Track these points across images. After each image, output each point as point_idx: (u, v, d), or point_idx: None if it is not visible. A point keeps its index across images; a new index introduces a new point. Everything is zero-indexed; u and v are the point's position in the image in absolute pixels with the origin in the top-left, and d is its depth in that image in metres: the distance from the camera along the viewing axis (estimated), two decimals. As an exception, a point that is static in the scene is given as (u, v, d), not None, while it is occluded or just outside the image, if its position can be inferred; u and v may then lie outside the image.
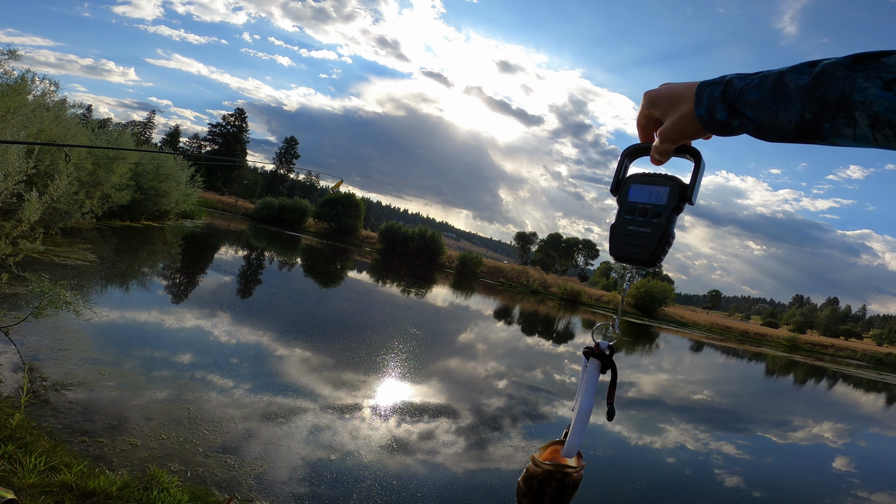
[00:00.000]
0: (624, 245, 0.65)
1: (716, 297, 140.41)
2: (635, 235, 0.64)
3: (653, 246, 0.63)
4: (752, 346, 33.68)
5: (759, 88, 0.53)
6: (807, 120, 0.50)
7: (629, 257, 0.64)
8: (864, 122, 0.46)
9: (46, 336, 4.90)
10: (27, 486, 2.51)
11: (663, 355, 18.72)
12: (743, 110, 0.55)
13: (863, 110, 0.45)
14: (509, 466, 4.59)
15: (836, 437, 9.26)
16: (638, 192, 0.66)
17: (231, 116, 70.93)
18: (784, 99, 0.51)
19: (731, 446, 7.02)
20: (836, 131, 0.48)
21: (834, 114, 0.48)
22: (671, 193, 0.63)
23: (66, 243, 9.70)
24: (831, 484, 6.29)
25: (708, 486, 5.35)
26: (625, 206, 0.66)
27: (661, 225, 0.63)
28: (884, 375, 28.52)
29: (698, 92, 0.58)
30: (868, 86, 0.45)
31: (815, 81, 0.48)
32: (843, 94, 0.46)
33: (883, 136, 0.45)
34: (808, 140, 0.52)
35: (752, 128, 0.55)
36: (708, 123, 0.58)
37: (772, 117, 0.52)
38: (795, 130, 0.51)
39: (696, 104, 0.58)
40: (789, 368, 23.43)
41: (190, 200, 20.91)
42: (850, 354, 42.32)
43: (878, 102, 0.44)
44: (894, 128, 0.44)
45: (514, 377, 8.29)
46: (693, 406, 9.65)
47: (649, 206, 0.64)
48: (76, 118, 11.16)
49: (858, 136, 0.47)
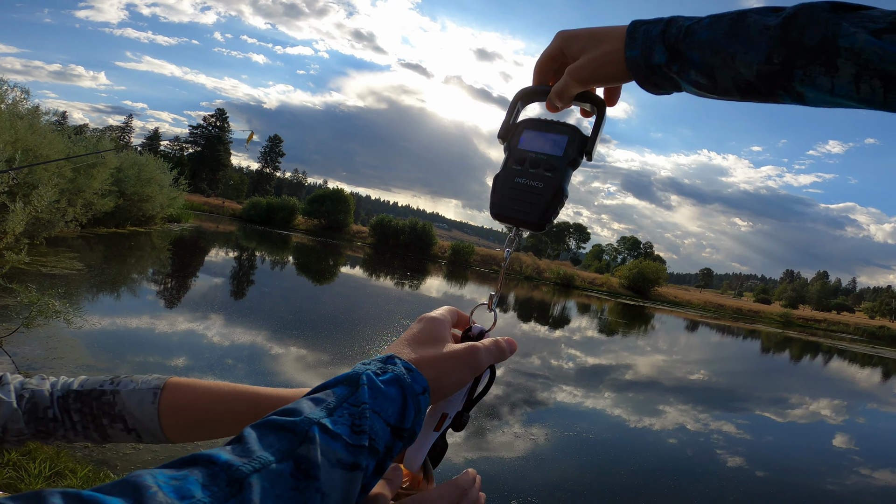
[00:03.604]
0: (509, 201, 0.54)
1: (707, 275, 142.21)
2: (524, 190, 0.54)
3: (544, 203, 0.52)
4: (746, 324, 34.19)
5: (711, 29, 0.45)
6: (774, 65, 0.43)
7: (514, 216, 0.54)
8: (849, 71, 0.40)
9: (40, 346, 4.86)
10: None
11: (658, 336, 18.95)
12: (687, 53, 0.46)
13: (848, 57, 0.40)
14: (510, 454, 4.63)
15: (835, 414, 9.36)
16: (531, 140, 0.56)
17: (211, 117, 70.03)
18: (745, 39, 0.44)
19: (731, 426, 7.07)
20: (810, 80, 0.42)
21: (809, 60, 0.41)
22: (570, 144, 0.54)
23: (52, 253, 9.56)
24: (833, 462, 6.34)
25: (710, 466, 5.38)
26: (514, 154, 0.56)
27: (556, 179, 0.53)
28: (878, 349, 28.96)
29: (631, 30, 0.50)
30: (856, 31, 0.39)
31: (789, 22, 0.42)
32: (825, 38, 0.40)
33: (869, 89, 0.40)
34: (763, 93, 0.45)
35: (694, 75, 0.47)
36: (639, 66, 0.49)
37: (726, 62, 0.45)
38: (756, 76, 0.44)
39: (629, 43, 0.49)
40: (784, 345, 23.79)
41: (175, 204, 20.67)
42: (843, 329, 43.11)
43: (871, 50, 0.39)
44: (885, 79, 0.39)
45: (511, 364, 8.35)
46: (690, 386, 9.74)
47: (543, 157, 0.54)
48: (51, 125, 10.94)
49: (837, 87, 0.41)
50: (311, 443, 0.33)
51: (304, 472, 0.32)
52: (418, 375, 0.43)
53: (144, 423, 0.59)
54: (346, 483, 0.34)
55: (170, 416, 0.59)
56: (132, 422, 0.59)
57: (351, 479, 0.34)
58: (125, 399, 0.59)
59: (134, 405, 0.59)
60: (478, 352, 0.48)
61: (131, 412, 0.59)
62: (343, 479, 0.33)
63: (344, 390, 0.38)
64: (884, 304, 79.02)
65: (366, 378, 0.40)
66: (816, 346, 25.70)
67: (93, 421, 0.59)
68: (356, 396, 0.38)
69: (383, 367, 0.42)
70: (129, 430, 0.59)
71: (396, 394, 0.40)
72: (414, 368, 0.43)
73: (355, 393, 0.38)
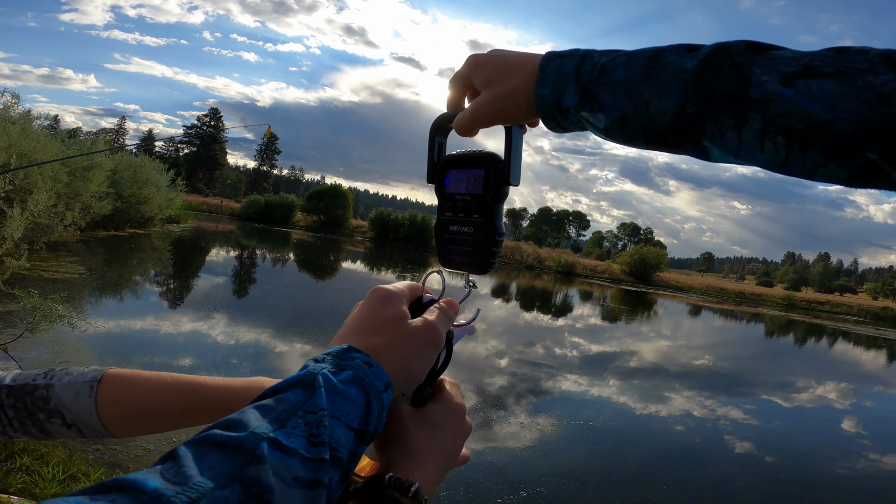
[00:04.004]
0: (449, 252, 0.52)
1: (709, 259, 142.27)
2: (459, 237, 0.51)
3: (479, 250, 0.49)
4: (750, 307, 34.22)
5: (626, 67, 0.40)
6: (688, 115, 0.38)
7: (457, 266, 0.52)
8: (755, 126, 0.36)
9: (46, 350, 4.87)
10: (50, 497, 2.52)
11: (662, 322, 18.99)
12: (599, 95, 0.41)
13: (757, 110, 0.35)
14: (517, 444, 4.64)
15: (842, 397, 9.32)
16: (455, 180, 0.51)
17: (205, 116, 69.78)
18: (660, 83, 0.39)
19: (738, 412, 7.06)
20: (720, 134, 0.37)
21: (720, 111, 0.37)
22: (486, 177, 0.49)
23: (53, 258, 9.55)
24: (842, 447, 6.30)
25: (719, 452, 5.37)
26: (443, 199, 0.52)
27: (484, 222, 0.49)
28: (882, 331, 28.92)
29: (544, 64, 0.44)
30: (767, 79, 0.35)
31: (705, 66, 0.37)
32: (737, 85, 0.36)
33: (773, 146, 0.36)
34: (674, 144, 0.40)
35: (605, 120, 0.42)
36: (548, 107, 0.44)
37: (639, 108, 0.40)
38: (668, 127, 0.39)
39: (541, 79, 0.44)
40: (788, 328, 23.79)
41: (174, 205, 20.64)
42: (846, 310, 43.10)
43: (779, 102, 0.34)
44: (790, 136, 0.35)
45: (516, 354, 8.38)
46: (696, 372, 9.74)
47: (467, 198, 0.50)
48: (44, 130, 10.88)
49: (743, 142, 0.37)
50: (261, 462, 0.28)
51: (256, 498, 0.27)
52: (379, 371, 0.39)
53: (83, 418, 0.56)
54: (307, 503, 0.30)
55: (109, 411, 0.56)
56: (70, 416, 0.55)
57: (313, 499, 0.30)
58: (60, 393, 0.56)
59: (70, 399, 0.55)
60: (436, 327, 0.44)
61: (68, 407, 0.55)
62: (303, 500, 0.30)
63: (298, 395, 0.34)
64: (886, 285, 79.07)
65: (322, 379, 0.35)
66: (821, 328, 25.72)
67: (29, 416, 0.55)
68: (312, 402, 0.33)
69: (340, 364, 0.38)
70: (69, 425, 0.56)
71: (358, 394, 0.36)
72: (374, 363, 0.39)
73: (311, 398, 0.33)
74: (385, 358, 0.40)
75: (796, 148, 0.35)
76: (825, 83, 0.34)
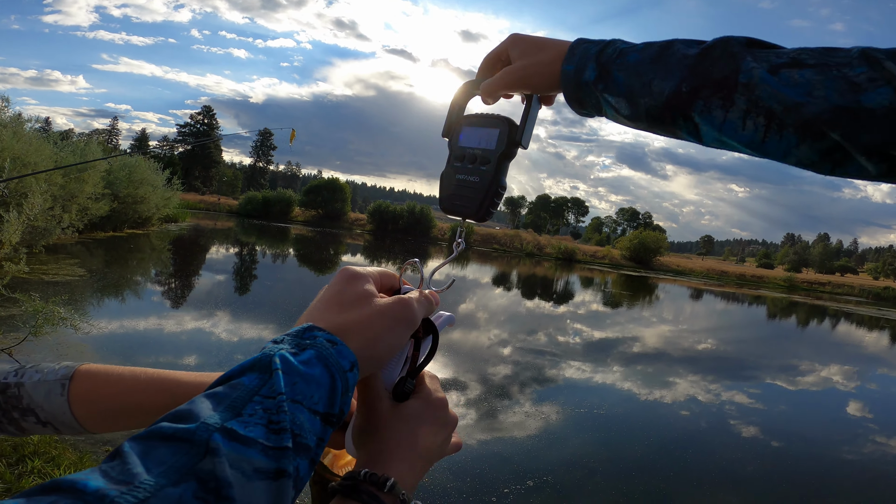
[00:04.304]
0: (452, 196, 0.57)
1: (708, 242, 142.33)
2: (464, 185, 0.57)
3: (480, 197, 0.55)
4: (751, 290, 34.25)
5: (640, 53, 0.47)
6: (682, 94, 0.44)
7: (456, 210, 0.57)
8: (740, 107, 0.41)
9: (50, 353, 4.88)
10: None
11: (664, 306, 19.04)
12: (614, 73, 0.48)
13: (743, 93, 0.40)
14: (523, 433, 4.66)
15: (846, 380, 9.28)
16: (468, 136, 0.58)
17: (199, 115, 69.40)
18: (664, 67, 0.45)
19: (742, 396, 7.04)
20: (707, 111, 0.43)
21: (712, 92, 0.42)
22: (500, 137, 0.56)
23: (53, 261, 9.52)
24: (848, 431, 6.28)
25: (725, 438, 5.35)
26: (454, 151, 0.59)
27: (489, 172, 0.55)
28: (884, 311, 28.82)
29: (574, 45, 0.52)
30: (755, 66, 0.40)
31: (704, 54, 0.43)
32: (730, 72, 0.41)
33: (753, 125, 0.41)
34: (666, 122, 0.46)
35: (615, 95, 0.48)
36: (570, 81, 0.51)
37: (643, 86, 0.46)
38: (664, 104, 0.45)
39: (568, 57, 0.51)
40: (790, 310, 23.80)
41: (171, 204, 20.57)
42: (847, 291, 43.11)
43: (762, 86, 0.39)
44: (769, 117, 0.40)
45: (518, 343, 8.39)
46: (699, 356, 9.73)
47: (478, 152, 0.57)
48: (36, 133, 10.80)
49: (727, 122, 0.42)
50: (216, 455, 0.26)
51: (214, 493, 0.25)
52: (344, 348, 0.36)
53: (57, 416, 0.54)
54: (271, 495, 0.28)
55: (84, 408, 0.54)
56: (44, 415, 0.54)
57: (277, 490, 0.28)
58: (31, 392, 0.54)
59: (42, 398, 0.54)
60: (409, 303, 0.42)
61: (40, 405, 0.53)
62: (267, 492, 0.27)
63: (253, 380, 0.31)
64: (887, 265, 79.12)
65: (279, 361, 0.33)
66: (823, 309, 25.70)
67: (3, 415, 0.54)
68: (269, 386, 0.31)
69: (300, 343, 0.35)
70: (43, 423, 0.54)
71: (322, 374, 0.34)
72: (338, 340, 0.37)
73: (268, 381, 0.31)
74: (350, 335, 0.38)
75: (774, 129, 0.40)
76: (806, 73, 0.39)
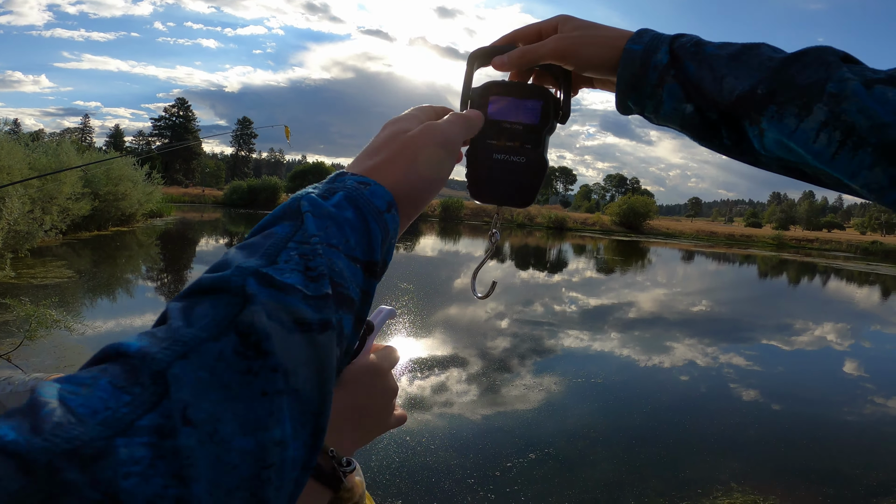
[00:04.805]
0: (490, 181, 0.48)
1: (696, 204, 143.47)
2: (506, 167, 0.47)
3: (529, 181, 0.48)
4: (741, 249, 34.54)
5: (719, 48, 0.44)
6: (756, 94, 0.40)
7: (499, 198, 0.49)
8: (818, 118, 0.38)
9: (48, 356, 4.83)
10: None
11: (656, 270, 19.22)
12: (685, 62, 0.44)
13: (827, 103, 0.37)
14: (524, 406, 4.68)
15: (841, 338, 9.22)
16: (503, 108, 0.48)
17: (173, 107, 67.73)
18: (745, 65, 0.42)
19: (740, 358, 7.02)
20: (779, 118, 0.40)
21: (790, 98, 0.39)
22: (545, 109, 0.48)
23: (39, 264, 9.36)
24: (846, 391, 6.22)
25: (725, 402, 5.31)
26: (486, 125, 0.48)
27: (538, 152, 0.48)
28: (873, 265, 28.97)
29: (641, 31, 0.47)
30: (850, 77, 0.37)
31: (794, 59, 0.40)
32: (818, 80, 0.38)
33: (826, 139, 0.38)
34: (730, 123, 0.43)
35: (682, 85, 0.44)
36: (633, 61, 0.45)
37: (715, 80, 0.43)
38: (734, 102, 0.42)
39: (634, 39, 0.46)
40: (780, 268, 23.92)
41: (153, 199, 20.25)
42: (835, 246, 43.50)
43: (852, 99, 0.37)
44: (848, 133, 0.37)
45: (515, 315, 8.45)
46: (695, 319, 9.76)
47: (519, 127, 0.48)
48: (5, 135, 10.48)
49: (799, 129, 0.39)
50: (253, 303, 0.23)
51: (255, 347, 0.22)
52: (378, 188, 0.32)
53: None
54: (315, 351, 0.24)
55: None
56: None
57: (322, 345, 0.25)
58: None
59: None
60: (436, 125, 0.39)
61: None
62: (309, 345, 0.24)
63: (286, 228, 0.28)
64: (873, 219, 79.89)
65: (307, 203, 0.29)
66: (812, 266, 25.90)
67: None
68: (302, 231, 0.28)
69: (330, 188, 0.32)
70: None
71: (355, 217, 0.30)
72: (370, 181, 0.33)
73: (300, 227, 0.28)
74: (382, 173, 0.35)
75: (849, 146, 0.37)
76: None
